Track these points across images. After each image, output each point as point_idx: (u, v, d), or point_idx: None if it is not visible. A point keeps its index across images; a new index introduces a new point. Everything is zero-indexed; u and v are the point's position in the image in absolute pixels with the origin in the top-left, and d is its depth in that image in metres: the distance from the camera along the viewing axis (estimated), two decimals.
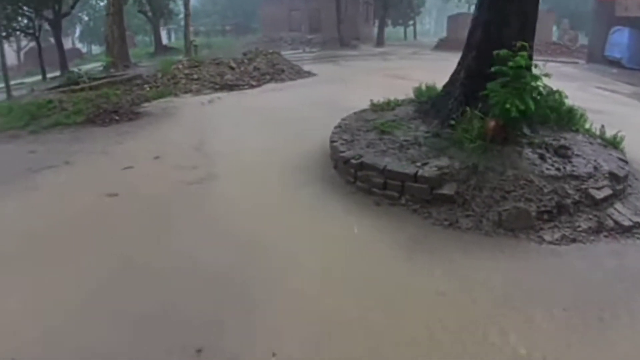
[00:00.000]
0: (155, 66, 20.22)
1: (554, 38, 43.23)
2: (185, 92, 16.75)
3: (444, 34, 69.62)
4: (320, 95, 15.37)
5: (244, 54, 21.75)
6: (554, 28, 45.14)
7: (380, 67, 24.44)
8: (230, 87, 17.34)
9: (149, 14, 36.57)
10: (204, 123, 11.68)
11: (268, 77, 18.96)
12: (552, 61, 33.22)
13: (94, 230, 6.12)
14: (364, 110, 9.88)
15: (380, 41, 42.26)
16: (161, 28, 41.07)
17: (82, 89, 15.71)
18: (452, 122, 7.55)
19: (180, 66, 18.88)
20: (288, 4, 47.77)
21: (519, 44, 6.75)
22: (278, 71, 19.61)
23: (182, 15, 45.79)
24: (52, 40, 30.76)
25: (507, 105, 6.60)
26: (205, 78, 18.14)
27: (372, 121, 8.82)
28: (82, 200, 7.12)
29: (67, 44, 43.71)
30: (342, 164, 7.38)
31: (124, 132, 11.01)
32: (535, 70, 7.01)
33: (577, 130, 7.98)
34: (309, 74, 20.45)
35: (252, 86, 17.72)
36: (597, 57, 30.08)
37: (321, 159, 8.43)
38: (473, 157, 6.65)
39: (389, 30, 53.41)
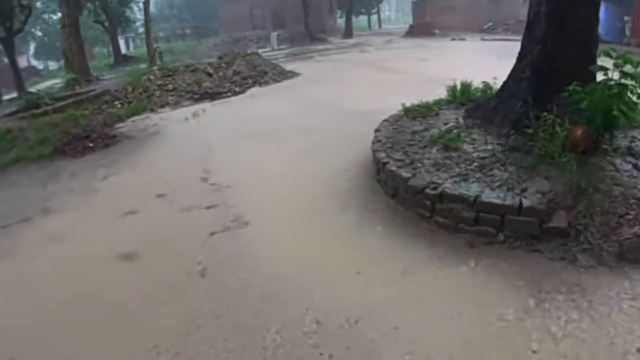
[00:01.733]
0: (122, 78, 18.15)
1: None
2: (162, 106, 14.83)
3: (406, 20, 68.76)
4: (317, 97, 13.66)
5: (220, 58, 19.83)
6: None
7: (363, 60, 22.86)
8: (212, 96, 15.44)
9: (106, 23, 34.12)
10: (197, 144, 9.80)
11: (250, 80, 17.11)
12: (517, 40, 32.17)
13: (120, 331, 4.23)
14: (399, 118, 8.22)
15: (348, 32, 40.60)
16: (119, 37, 38.67)
17: (44, 113, 13.60)
18: (529, 130, 6.14)
19: (152, 77, 16.88)
20: (249, 2, 45.76)
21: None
22: (260, 73, 17.76)
23: (139, 23, 43.68)
24: (5, 60, 28.32)
25: (615, 112, 5.49)
26: (182, 88, 16.20)
27: (420, 132, 7.22)
28: (87, 270, 5.23)
29: (22, 62, 41.16)
30: (408, 194, 5.70)
31: (106, 163, 9.05)
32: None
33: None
34: (292, 73, 18.63)
35: (236, 92, 15.85)
36: None
37: (363, 181, 6.83)
38: (572, 175, 5.36)
39: None
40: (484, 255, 4.83)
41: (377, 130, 7.56)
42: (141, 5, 31.15)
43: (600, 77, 5.98)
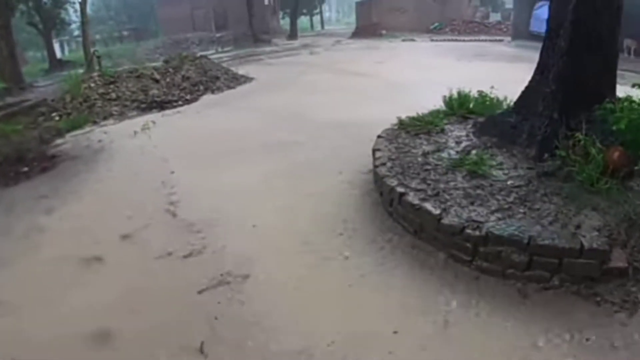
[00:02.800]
0: (60, 86, 16.43)
1: None
2: (106, 118, 13.38)
3: (347, 21, 68.23)
4: (280, 106, 12.58)
5: (166, 62, 18.29)
6: None
7: (317, 62, 21.90)
8: (160, 105, 14.08)
9: (40, 25, 31.68)
10: (154, 164, 8.52)
11: (201, 87, 15.82)
12: (478, 40, 31.98)
13: None
14: (397, 133, 7.29)
15: (293, 34, 39.44)
16: (53, 40, 36.19)
17: None
18: (561, 152, 5.46)
19: (92, 84, 15.27)
20: (190, 2, 43.96)
21: None
22: (212, 79, 16.47)
23: (74, 26, 41.13)
24: None
25: None
26: (126, 96, 14.76)
27: (433, 154, 6.31)
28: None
29: None
30: (441, 233, 4.77)
31: (47, 192, 7.58)
32: None
33: None
34: (245, 78, 17.42)
35: (187, 101, 14.53)
36: (523, 33, 30.22)
37: (369, 212, 5.95)
38: (620, 205, 4.73)
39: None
40: (541, 307, 4.03)
41: (376, 150, 6.61)
42: (77, 6, 29.07)
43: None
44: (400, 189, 5.33)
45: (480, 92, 8.19)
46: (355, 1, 52.99)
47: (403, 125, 7.39)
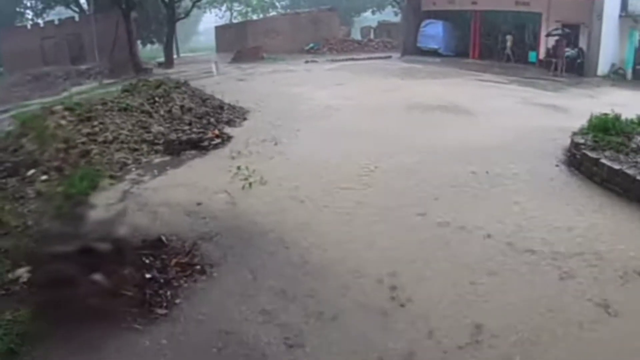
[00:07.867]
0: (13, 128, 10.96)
1: None
2: (121, 168, 9.09)
3: (190, 47, 63.37)
4: (354, 145, 9.62)
5: (126, 90, 13.10)
6: None
7: (271, 89, 18.35)
8: (194, 145, 9.96)
9: None
10: None
11: (212, 119, 11.82)
12: (370, 58, 30.49)
13: None
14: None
15: (169, 61, 34.35)
16: None
17: None
18: None
19: (62, 121, 10.34)
20: (38, 32, 36.81)
21: None
22: (216, 110, 12.47)
23: None
24: None
25: None
26: (125, 136, 10.25)
27: None
28: None
29: None
30: None
31: None
32: None
33: None
34: (242, 109, 13.39)
35: (217, 138, 10.48)
36: (411, 49, 30.56)
37: None
38: None
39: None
40: None
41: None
42: None
43: None
44: None
45: (605, 114, 8.73)
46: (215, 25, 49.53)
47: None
